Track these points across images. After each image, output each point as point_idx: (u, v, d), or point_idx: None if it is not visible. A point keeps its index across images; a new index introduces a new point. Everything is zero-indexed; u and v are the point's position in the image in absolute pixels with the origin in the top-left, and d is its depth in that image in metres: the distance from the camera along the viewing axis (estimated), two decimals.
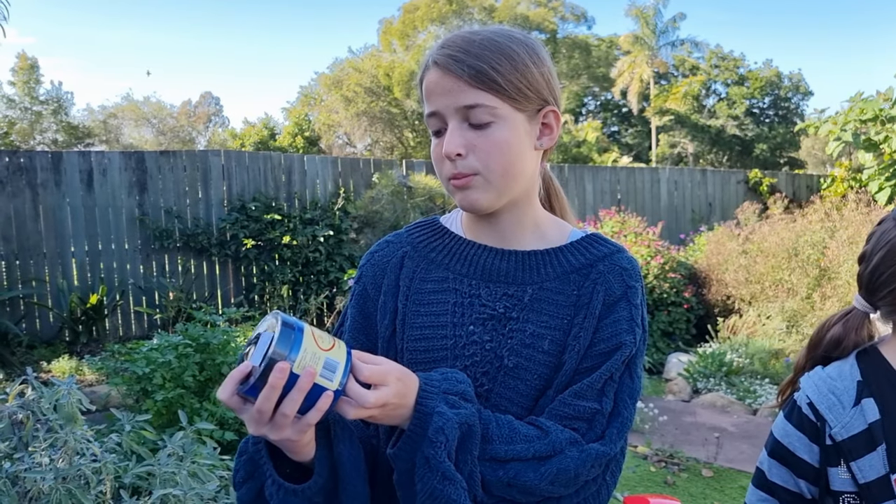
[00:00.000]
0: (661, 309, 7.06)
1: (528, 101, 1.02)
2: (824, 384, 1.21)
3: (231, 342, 3.81)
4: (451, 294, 1.07)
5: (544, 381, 1.02)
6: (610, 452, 0.97)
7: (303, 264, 7.59)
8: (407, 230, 1.17)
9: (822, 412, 1.18)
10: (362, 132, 23.67)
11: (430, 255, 1.11)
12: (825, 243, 6.61)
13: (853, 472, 1.14)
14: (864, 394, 1.17)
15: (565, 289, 1.05)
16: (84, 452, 2.05)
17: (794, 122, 29.42)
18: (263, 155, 8.16)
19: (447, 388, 0.94)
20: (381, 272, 1.12)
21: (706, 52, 35.44)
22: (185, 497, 2.04)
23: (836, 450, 1.16)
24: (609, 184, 10.47)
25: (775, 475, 1.25)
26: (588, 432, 0.98)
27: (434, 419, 0.89)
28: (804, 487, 1.22)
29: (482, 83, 0.98)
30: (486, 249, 1.09)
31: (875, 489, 1.12)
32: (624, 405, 1.01)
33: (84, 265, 7.00)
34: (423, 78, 1.04)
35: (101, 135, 31.66)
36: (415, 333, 1.05)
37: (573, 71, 26.49)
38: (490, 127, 1.00)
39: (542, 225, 1.12)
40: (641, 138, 34.51)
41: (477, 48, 0.99)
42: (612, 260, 1.07)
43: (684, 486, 3.79)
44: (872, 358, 1.22)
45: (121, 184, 7.13)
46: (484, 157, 1.00)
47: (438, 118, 1.01)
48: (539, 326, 1.03)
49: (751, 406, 5.21)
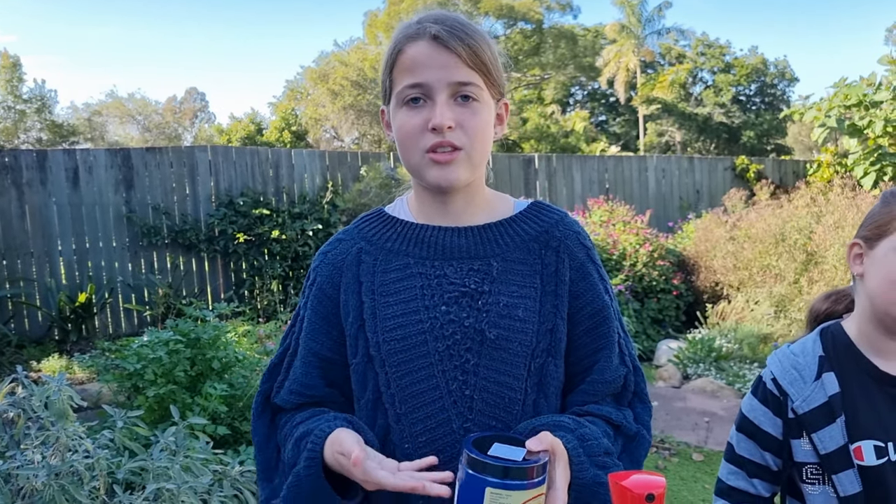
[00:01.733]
0: (651, 296, 7.10)
1: (498, 90, 1.07)
2: (787, 360, 1.26)
3: (221, 337, 3.81)
4: (417, 279, 1.07)
5: (526, 347, 1.05)
6: (650, 405, 1.14)
7: (292, 258, 7.58)
8: (356, 225, 1.18)
9: (785, 387, 1.23)
10: (349, 126, 23.58)
11: (387, 246, 1.12)
12: (812, 228, 6.66)
13: (814, 443, 1.19)
14: (825, 368, 1.21)
15: (527, 258, 1.09)
16: (76, 449, 2.05)
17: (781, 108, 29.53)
18: (251, 150, 8.13)
19: (591, 452, 0.98)
20: (337, 271, 1.12)
21: (692, 39, 35.51)
22: (179, 491, 2.04)
23: (797, 422, 1.21)
24: (597, 173, 10.50)
25: (743, 448, 1.31)
26: (623, 393, 1.11)
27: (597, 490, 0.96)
28: (769, 459, 1.27)
29: (475, 64, 1.01)
30: (441, 230, 1.10)
31: (835, 459, 1.16)
32: (635, 359, 1.14)
33: (72, 263, 6.97)
34: (405, 48, 1.03)
35: (85, 133, 31.43)
36: (388, 324, 1.05)
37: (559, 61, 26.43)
38: (476, 105, 1.03)
39: (489, 201, 1.15)
40: (629, 127, 34.57)
41: (469, 29, 1.02)
42: (565, 225, 1.13)
43: (675, 471, 3.83)
44: (835, 333, 1.26)
45: (107, 181, 7.09)
46: (471, 133, 1.02)
47: (422, 89, 1.01)
48: (511, 297, 1.06)
49: (740, 390, 5.25)
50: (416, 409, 1.03)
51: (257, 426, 1.17)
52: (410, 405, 1.03)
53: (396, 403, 1.04)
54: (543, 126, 22.99)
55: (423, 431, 1.02)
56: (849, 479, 1.15)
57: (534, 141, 21.93)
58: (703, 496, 3.50)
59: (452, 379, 1.03)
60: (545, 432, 0.92)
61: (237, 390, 3.61)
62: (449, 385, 1.03)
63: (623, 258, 7.04)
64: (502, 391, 1.03)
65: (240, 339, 4.78)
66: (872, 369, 1.20)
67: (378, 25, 24.60)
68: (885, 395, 1.18)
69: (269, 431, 1.16)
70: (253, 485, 2.59)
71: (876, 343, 1.21)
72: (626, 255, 7.06)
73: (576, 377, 1.11)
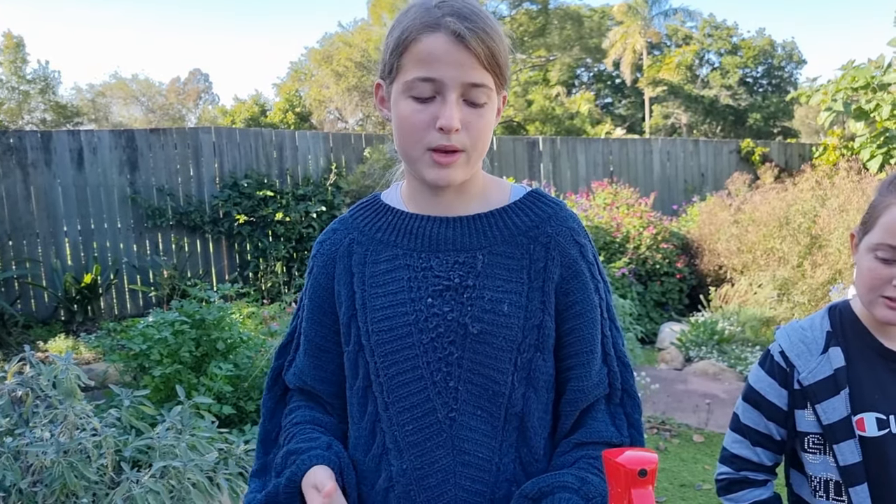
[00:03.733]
0: (654, 279, 7.11)
1: (505, 86, 1.06)
2: (796, 334, 1.30)
3: (226, 318, 3.84)
4: (404, 270, 1.08)
5: (511, 342, 1.05)
6: (639, 401, 1.12)
7: (296, 240, 7.60)
8: (351, 214, 1.18)
9: (792, 359, 1.27)
10: (353, 107, 23.50)
11: (377, 236, 1.12)
12: (816, 211, 6.65)
13: (818, 414, 1.23)
14: (832, 343, 1.25)
15: (515, 252, 1.08)
16: (84, 427, 2.08)
17: (788, 91, 29.33)
18: (255, 132, 8.13)
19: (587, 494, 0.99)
20: (330, 261, 1.14)
21: (699, 21, 35.18)
22: (185, 468, 2.07)
23: (802, 394, 1.26)
24: (602, 155, 10.46)
25: (747, 418, 1.35)
26: (613, 393, 1.10)
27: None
28: (773, 429, 1.32)
29: (490, 65, 0.99)
30: (429, 220, 1.10)
31: (837, 429, 1.20)
32: (624, 356, 1.13)
33: (77, 245, 7.01)
34: (421, 37, 0.99)
35: (89, 114, 31.40)
36: (377, 315, 1.07)
37: (565, 42, 26.24)
38: (485, 107, 1.01)
39: (485, 188, 1.14)
40: (635, 109, 34.37)
41: (489, 27, 1.00)
42: (558, 220, 1.10)
43: (676, 452, 3.86)
44: (843, 311, 1.30)
45: (111, 162, 7.11)
46: (475, 136, 1.02)
47: (434, 86, 0.99)
48: (496, 291, 1.06)
49: (742, 373, 5.28)
50: (403, 398, 1.05)
51: (267, 398, 1.23)
52: (397, 394, 1.05)
53: (384, 392, 1.06)
54: (548, 108, 22.88)
55: (410, 420, 1.05)
56: (849, 448, 1.19)
57: (539, 123, 21.84)
58: (703, 477, 3.53)
59: (437, 370, 1.05)
60: None
61: (242, 370, 3.64)
62: (433, 376, 1.04)
63: (627, 241, 7.05)
64: (487, 384, 1.05)
65: (244, 321, 4.82)
66: (878, 346, 1.24)
67: (382, 6, 24.42)
68: (888, 370, 1.22)
69: (275, 405, 1.22)
70: None
71: (873, 323, 1.25)
72: (630, 238, 7.06)
73: (560, 374, 1.11)
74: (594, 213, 7.29)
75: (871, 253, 1.20)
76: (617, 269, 6.52)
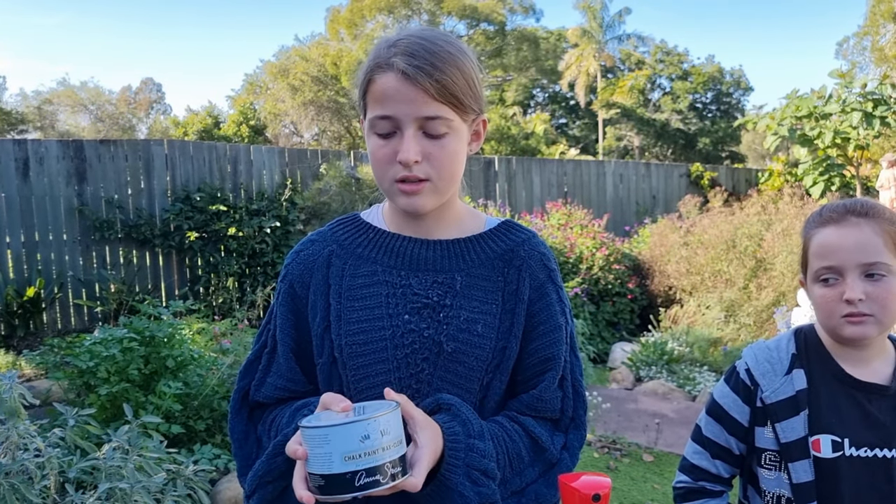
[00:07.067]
0: (606, 299, 7.21)
1: (472, 113, 1.09)
2: (763, 354, 1.35)
3: (176, 335, 3.76)
4: (383, 286, 1.11)
5: (482, 362, 1.09)
6: (585, 434, 1.17)
7: (249, 256, 7.50)
8: (330, 228, 1.20)
9: (757, 378, 1.33)
10: (309, 121, 23.41)
11: (357, 251, 1.15)
12: (761, 235, 6.86)
13: (777, 432, 1.28)
14: (796, 365, 1.31)
15: (491, 275, 1.13)
16: (27, 447, 2.02)
17: (736, 116, 30.24)
18: (208, 145, 8.02)
19: (470, 462, 0.98)
20: (307, 271, 1.15)
21: (651, 46, 36.17)
22: (132, 490, 2.02)
23: (764, 411, 1.31)
24: (556, 176, 10.62)
25: (709, 431, 1.39)
26: (562, 419, 1.15)
27: (456, 499, 0.96)
28: (733, 443, 1.36)
29: (443, 97, 1.02)
30: (410, 240, 1.14)
31: (794, 449, 1.26)
32: (580, 385, 1.17)
33: (20, 257, 6.78)
34: (375, 77, 1.04)
35: (35, 121, 30.57)
36: (352, 328, 1.08)
37: (521, 63, 26.66)
38: (445, 138, 1.05)
39: (461, 217, 1.18)
40: (589, 131, 35.01)
41: (440, 61, 1.02)
42: (531, 245, 1.17)
43: (626, 471, 3.92)
44: (808, 334, 1.36)
45: (58, 173, 6.92)
46: (437, 165, 1.05)
47: (392, 122, 1.03)
48: (472, 312, 1.10)
49: (690, 393, 5.38)
50: None
51: (235, 423, 1.18)
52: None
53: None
54: (504, 127, 23.14)
55: None
56: (803, 468, 1.24)
57: (494, 142, 22.07)
58: (653, 496, 3.59)
59: (406, 387, 1.07)
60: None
61: (192, 389, 3.57)
62: (403, 392, 1.06)
63: (580, 261, 7.15)
64: None
65: (195, 337, 4.72)
66: (838, 370, 1.29)
67: (340, 21, 24.46)
68: (847, 396, 1.27)
69: (247, 428, 1.18)
70: (207, 484, 2.57)
71: (835, 348, 1.31)
72: (583, 258, 7.17)
73: (515, 388, 1.14)
74: (548, 233, 7.38)
75: (816, 283, 1.27)
76: (570, 289, 6.61)
